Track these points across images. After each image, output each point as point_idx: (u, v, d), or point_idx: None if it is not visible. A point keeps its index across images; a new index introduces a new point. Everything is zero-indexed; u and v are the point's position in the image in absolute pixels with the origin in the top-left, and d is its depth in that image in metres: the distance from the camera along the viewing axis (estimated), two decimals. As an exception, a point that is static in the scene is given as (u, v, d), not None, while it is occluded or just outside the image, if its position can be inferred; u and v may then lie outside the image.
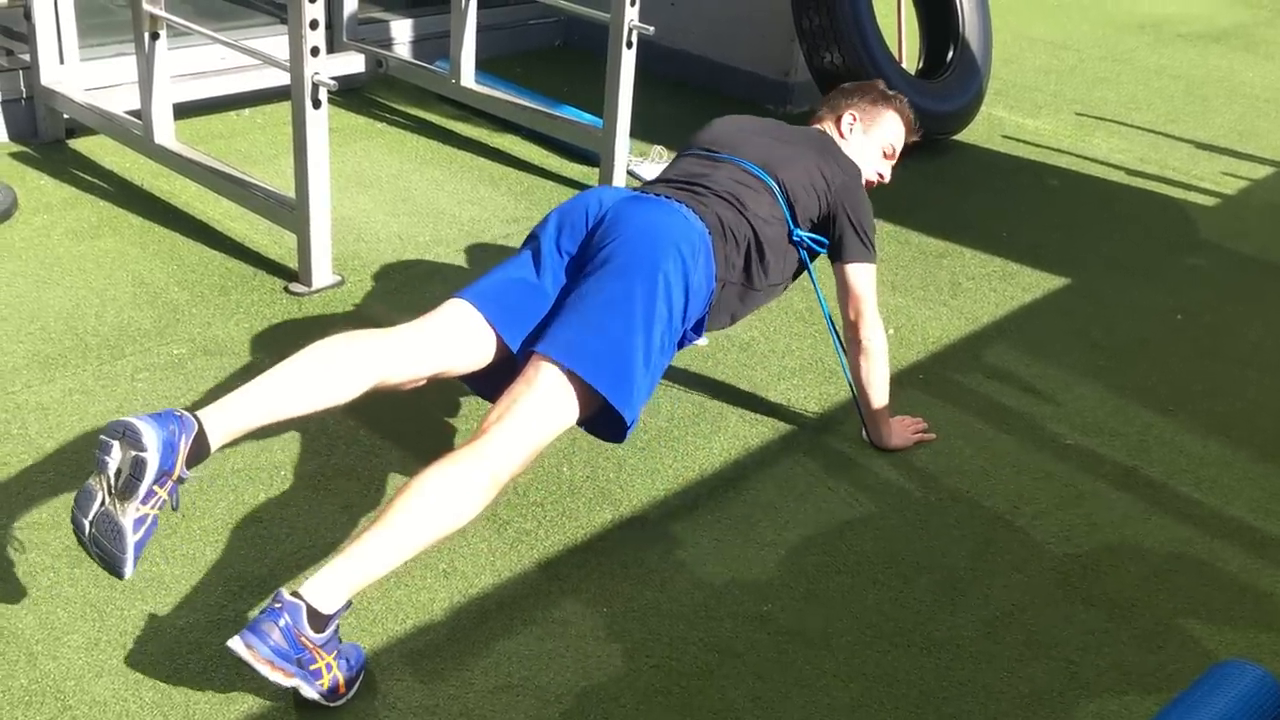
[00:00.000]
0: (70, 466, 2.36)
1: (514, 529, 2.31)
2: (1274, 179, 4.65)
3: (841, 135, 2.70)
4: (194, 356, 2.77)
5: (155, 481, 1.78)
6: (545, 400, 2.01)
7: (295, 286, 3.12)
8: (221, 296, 3.05)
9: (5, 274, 3.06)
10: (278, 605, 1.76)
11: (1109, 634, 2.20)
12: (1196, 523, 2.53)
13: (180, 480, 1.82)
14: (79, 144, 3.87)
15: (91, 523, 1.78)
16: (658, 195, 2.32)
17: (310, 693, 1.79)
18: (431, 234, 3.51)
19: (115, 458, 1.77)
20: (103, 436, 1.79)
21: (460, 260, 3.38)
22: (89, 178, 3.66)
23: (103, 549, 1.78)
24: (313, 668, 1.78)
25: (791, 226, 2.45)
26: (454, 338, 2.14)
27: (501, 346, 2.17)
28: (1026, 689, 2.05)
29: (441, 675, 1.97)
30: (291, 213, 3.11)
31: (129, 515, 1.77)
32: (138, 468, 1.76)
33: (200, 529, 2.23)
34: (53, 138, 3.87)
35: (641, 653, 2.05)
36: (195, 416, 1.86)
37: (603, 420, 2.14)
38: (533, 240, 2.28)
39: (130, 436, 1.77)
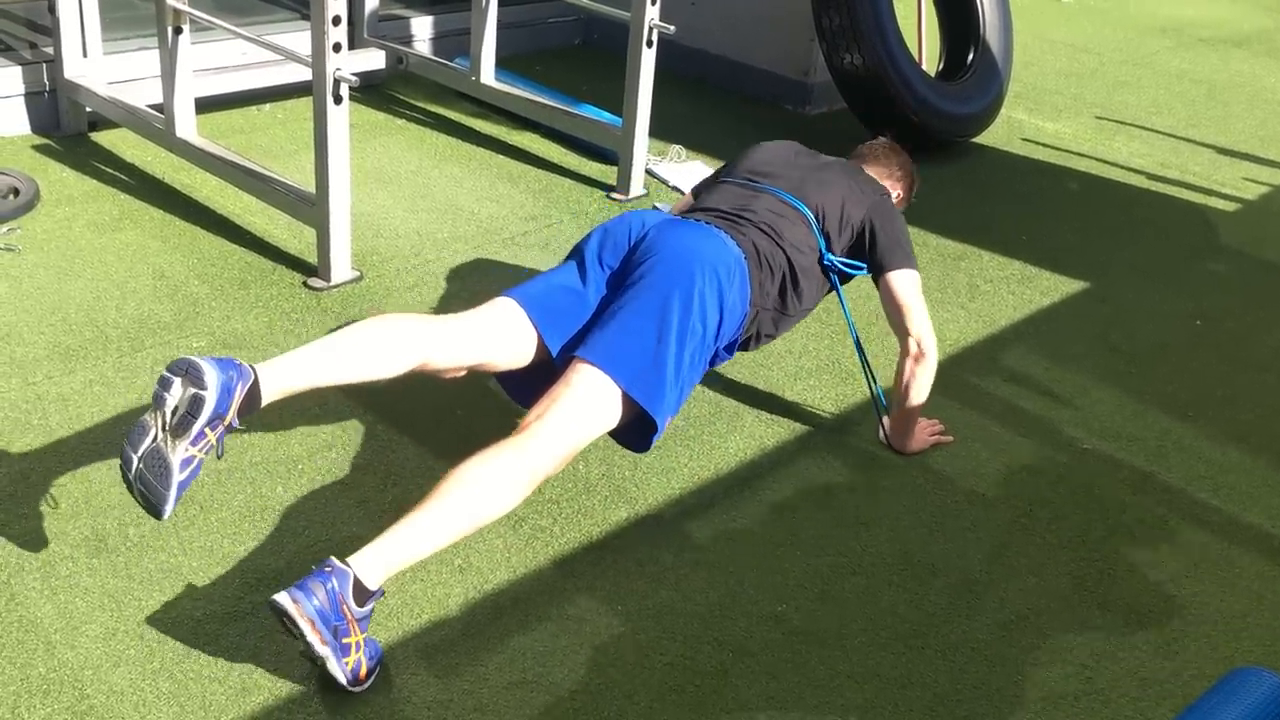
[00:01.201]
0: (90, 457, 2.38)
1: (530, 525, 2.32)
2: (1295, 185, 4.63)
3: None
4: (213, 349, 2.79)
5: (208, 423, 1.84)
6: (585, 402, 2.08)
7: (314, 281, 3.13)
8: (241, 290, 3.06)
9: (27, 265, 3.08)
10: (327, 569, 1.82)
11: (1125, 639, 2.19)
12: (1214, 529, 2.52)
13: (230, 427, 1.89)
14: (101, 137, 3.89)
15: (140, 458, 1.84)
16: (698, 221, 2.40)
17: (336, 669, 1.82)
18: (450, 231, 3.52)
19: (175, 394, 1.84)
20: (165, 373, 1.86)
21: (478, 257, 3.39)
22: (111, 171, 3.68)
23: (147, 486, 1.84)
24: (345, 641, 1.82)
25: (824, 252, 2.51)
26: (499, 333, 2.23)
27: (541, 348, 2.26)
28: (1041, 693, 2.05)
29: (456, 670, 1.97)
30: (311, 208, 3.12)
31: (178, 454, 1.83)
32: (195, 405, 1.82)
33: (218, 521, 2.24)
34: (75, 130, 3.90)
35: (655, 650, 2.05)
36: (252, 367, 1.93)
37: (631, 429, 2.21)
38: (576, 253, 2.38)
39: (193, 374, 1.84)
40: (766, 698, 1.98)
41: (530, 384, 2.25)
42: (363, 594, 1.84)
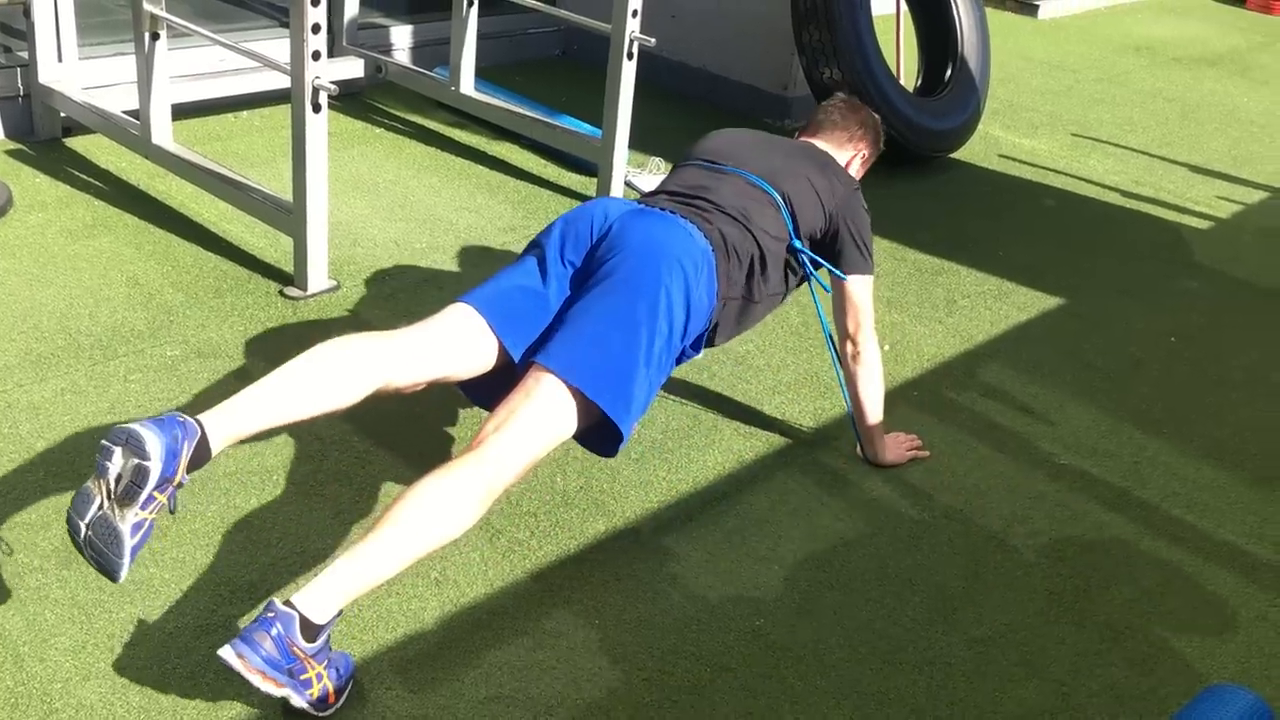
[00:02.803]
0: (61, 467, 2.35)
1: (507, 538, 2.31)
2: (1267, 204, 4.67)
3: (846, 166, 2.70)
4: (187, 359, 2.76)
5: (156, 488, 1.75)
6: (543, 412, 1.99)
7: (291, 290, 3.11)
8: (216, 299, 3.04)
9: (-1, 272, 3.05)
10: (270, 615, 1.73)
11: (1101, 655, 2.19)
12: (1189, 546, 2.54)
13: (180, 485, 1.80)
14: (75, 143, 3.85)
15: (88, 525, 1.76)
16: (662, 209, 2.30)
17: (300, 702, 1.77)
18: (428, 241, 3.51)
19: (117, 464, 1.75)
20: (104, 442, 1.76)
21: (456, 267, 3.38)
22: (85, 177, 3.64)
23: (98, 552, 1.76)
24: (303, 677, 1.76)
25: (793, 237, 2.45)
26: (456, 342, 2.13)
27: (503, 353, 2.16)
28: (1018, 709, 2.05)
29: (432, 685, 1.95)
30: (288, 216, 3.10)
31: (127, 521, 1.74)
32: (139, 475, 1.73)
33: (191, 533, 2.22)
34: (49, 136, 3.86)
35: (633, 665, 2.04)
36: (198, 421, 1.83)
37: (597, 434, 2.12)
38: (536, 248, 2.27)
39: (133, 444, 1.74)
40: (744, 713, 1.97)
41: (495, 389, 2.14)
42: (312, 630, 1.75)
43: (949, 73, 4.75)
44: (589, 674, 2.01)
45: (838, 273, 2.50)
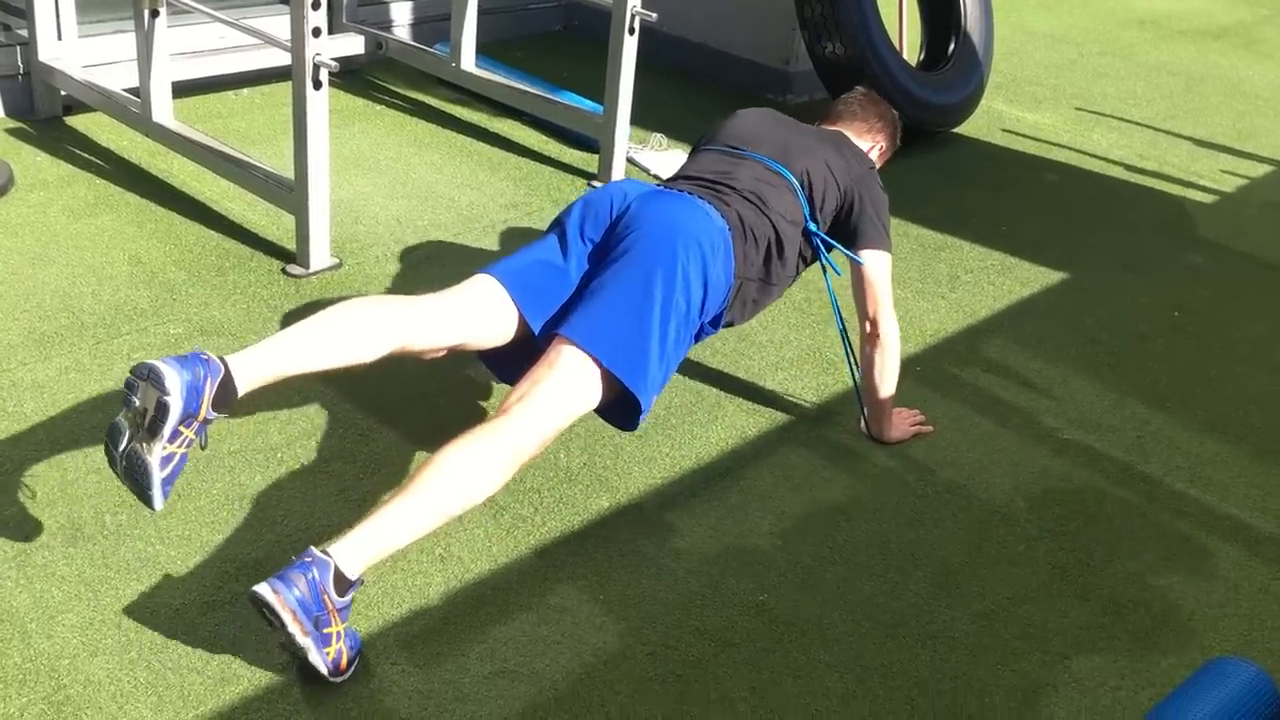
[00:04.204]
0: (65, 445, 2.35)
1: (510, 515, 2.31)
2: (1272, 178, 4.66)
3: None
4: (190, 337, 2.76)
5: (180, 423, 1.83)
6: (567, 382, 2.05)
7: (293, 268, 3.11)
8: (219, 277, 3.04)
9: (1, 251, 3.04)
10: (307, 559, 1.80)
11: (1104, 629, 2.20)
12: (1192, 519, 2.54)
13: (207, 421, 1.88)
14: (76, 121, 3.84)
15: (121, 456, 1.85)
16: (681, 191, 2.34)
17: (317, 659, 1.81)
18: (430, 218, 3.50)
19: (140, 398, 1.83)
20: (129, 377, 1.84)
21: (458, 245, 3.37)
22: (86, 155, 3.64)
23: (133, 482, 1.85)
24: (326, 631, 1.81)
25: (808, 219, 2.46)
26: (478, 311, 2.18)
27: (522, 325, 2.21)
28: (1021, 682, 2.06)
29: (437, 660, 1.96)
30: (290, 194, 3.09)
31: (155, 454, 1.83)
32: (161, 410, 1.81)
33: (196, 510, 2.22)
34: (50, 114, 3.85)
35: (637, 640, 2.05)
36: (222, 360, 1.90)
37: (617, 407, 2.17)
38: (557, 226, 2.32)
39: (154, 379, 1.82)
40: (749, 687, 1.98)
41: (514, 361, 2.21)
42: (343, 583, 1.82)
43: (952, 47, 4.72)
44: (593, 649, 2.02)
45: (853, 256, 2.50)
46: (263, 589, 1.76)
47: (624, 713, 1.91)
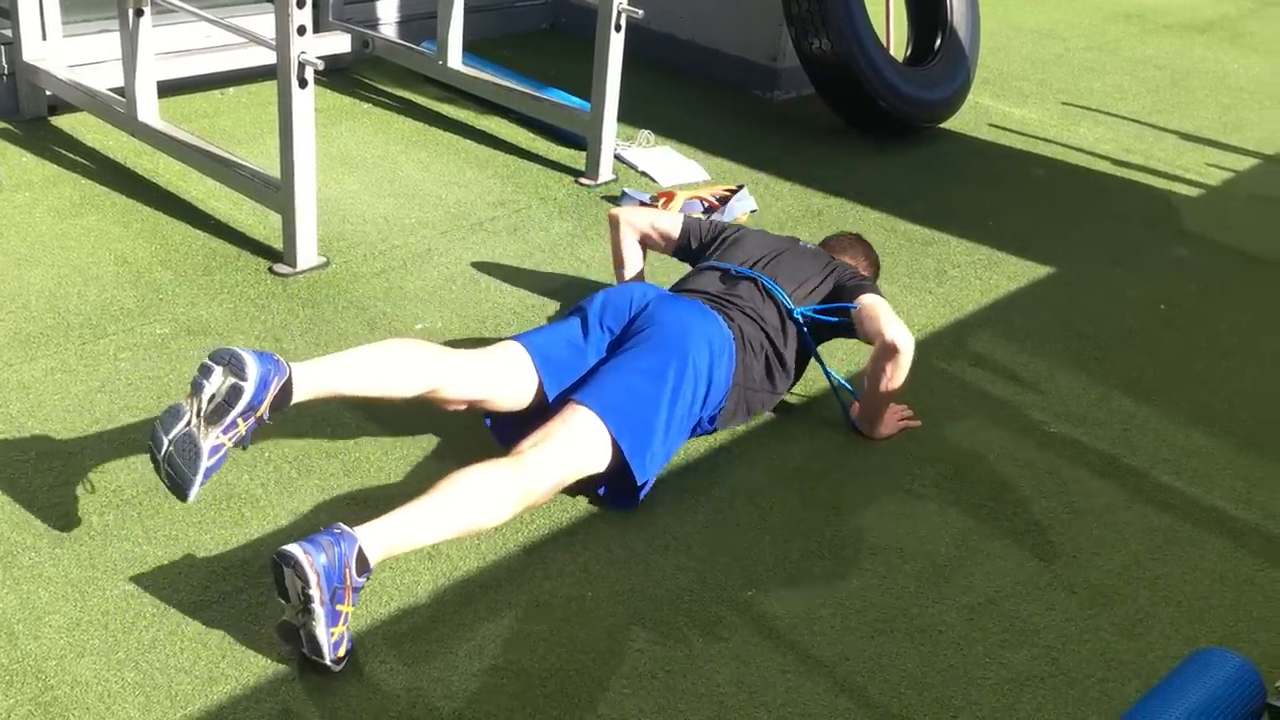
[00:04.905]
0: (52, 445, 2.35)
1: (499, 512, 2.31)
2: (1257, 171, 4.67)
3: None
4: (177, 336, 2.76)
5: (242, 413, 1.92)
6: (578, 439, 2.20)
7: (280, 267, 3.10)
8: (205, 276, 3.03)
9: (-14, 251, 3.03)
10: (336, 531, 1.87)
11: (1090, 621, 2.21)
12: (1177, 512, 2.55)
13: (260, 420, 1.96)
14: (61, 121, 3.83)
15: (172, 441, 1.91)
16: (693, 299, 2.54)
17: (322, 634, 1.83)
18: (417, 216, 3.50)
19: (214, 382, 1.91)
20: (207, 360, 1.95)
21: (446, 243, 3.37)
22: (71, 155, 3.63)
23: (175, 469, 1.90)
24: (339, 608, 1.85)
25: (790, 308, 2.59)
26: (506, 374, 2.35)
27: (540, 393, 2.37)
28: (1009, 675, 2.06)
29: (426, 658, 1.96)
30: (276, 193, 3.09)
31: (209, 440, 1.91)
32: (233, 394, 1.91)
33: (183, 510, 2.22)
34: (35, 114, 3.84)
35: (626, 636, 2.05)
36: (289, 365, 2.00)
37: (617, 483, 2.31)
38: (580, 312, 2.51)
39: (234, 364, 1.93)
40: (737, 683, 1.98)
41: (517, 428, 2.33)
42: (363, 564, 1.87)
43: (938, 42, 4.73)
44: (582, 645, 2.02)
45: (848, 305, 2.60)
46: (293, 548, 1.82)
47: (613, 709, 1.91)
